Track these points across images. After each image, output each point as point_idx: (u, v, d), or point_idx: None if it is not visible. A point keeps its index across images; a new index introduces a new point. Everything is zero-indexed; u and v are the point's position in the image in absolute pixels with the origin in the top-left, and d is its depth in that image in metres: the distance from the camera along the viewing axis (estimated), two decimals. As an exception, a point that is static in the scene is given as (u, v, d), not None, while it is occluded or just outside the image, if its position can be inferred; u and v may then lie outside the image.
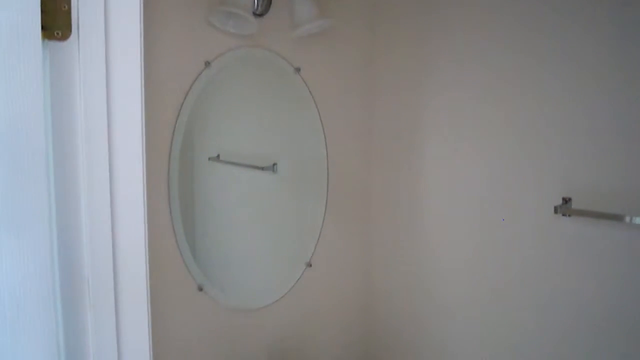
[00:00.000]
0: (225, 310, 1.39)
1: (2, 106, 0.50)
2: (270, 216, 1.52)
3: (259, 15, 1.36)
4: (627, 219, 1.04)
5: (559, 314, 1.23)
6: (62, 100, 0.57)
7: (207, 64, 1.29)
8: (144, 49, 0.63)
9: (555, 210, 1.16)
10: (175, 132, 1.26)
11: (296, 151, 1.55)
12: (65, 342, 0.58)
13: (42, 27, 0.52)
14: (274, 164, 1.47)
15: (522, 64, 1.27)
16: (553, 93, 1.21)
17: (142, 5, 0.62)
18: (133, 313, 0.64)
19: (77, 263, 0.59)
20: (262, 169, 1.45)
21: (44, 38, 0.53)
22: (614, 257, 1.12)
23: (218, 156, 1.38)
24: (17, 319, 0.52)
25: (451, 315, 1.48)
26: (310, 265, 1.58)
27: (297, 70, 1.48)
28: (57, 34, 0.55)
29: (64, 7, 0.55)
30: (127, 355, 0.63)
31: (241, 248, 1.46)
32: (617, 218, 1.06)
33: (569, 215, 1.17)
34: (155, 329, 0.68)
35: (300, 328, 1.57)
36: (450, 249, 1.47)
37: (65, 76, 0.57)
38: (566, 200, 1.18)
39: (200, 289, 1.32)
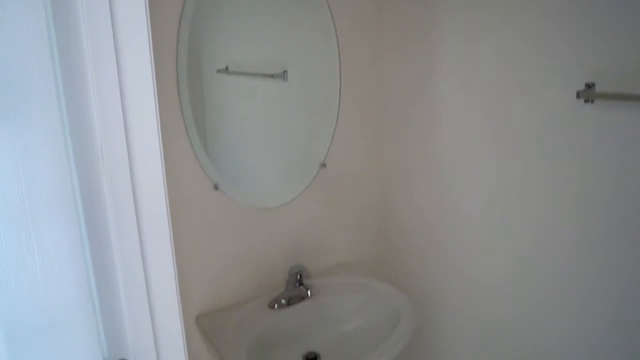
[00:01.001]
0: (241, 208, 1.41)
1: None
2: (282, 121, 1.50)
3: None
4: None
5: (578, 211, 1.22)
6: None
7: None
8: None
9: (578, 95, 1.12)
10: (179, 43, 1.22)
11: (307, 59, 1.50)
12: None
13: None
14: (285, 71, 1.43)
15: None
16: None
17: None
18: (151, 203, 0.64)
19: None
20: (273, 76, 1.42)
21: None
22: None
23: (227, 68, 1.34)
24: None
25: (464, 220, 1.49)
26: (325, 166, 1.58)
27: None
28: None
29: None
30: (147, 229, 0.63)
31: (255, 150, 1.46)
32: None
33: (592, 102, 1.12)
34: (172, 225, 0.68)
35: (315, 227, 1.61)
36: (465, 148, 1.45)
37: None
38: (589, 86, 1.13)
39: (216, 187, 1.33)
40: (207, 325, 1.34)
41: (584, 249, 1.22)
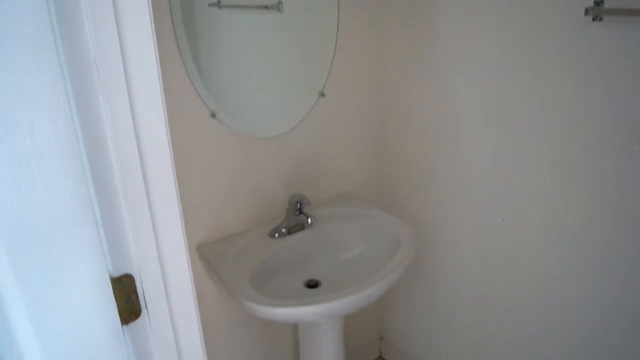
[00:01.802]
0: (239, 137, 1.39)
1: None
2: (279, 51, 1.45)
3: None
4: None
5: (584, 140, 1.20)
6: None
7: None
8: None
9: (586, 12, 1.08)
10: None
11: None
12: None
13: None
14: (279, 2, 1.37)
15: None
16: None
17: None
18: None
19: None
20: (267, 7, 1.36)
21: None
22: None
23: (219, 1, 1.28)
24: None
25: (464, 150, 1.48)
26: (323, 95, 1.54)
27: None
28: None
29: None
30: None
31: (252, 79, 1.42)
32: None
33: (601, 19, 1.08)
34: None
35: (315, 157, 1.59)
36: (467, 76, 1.41)
37: None
38: (598, 3, 1.08)
39: (214, 115, 1.31)
40: (208, 254, 1.35)
41: (590, 174, 1.21)
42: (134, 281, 0.66)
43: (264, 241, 1.41)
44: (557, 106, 1.23)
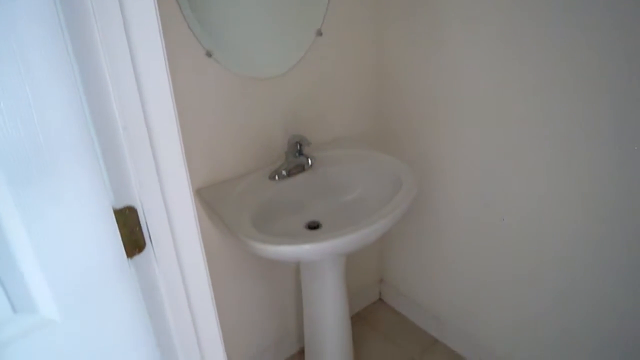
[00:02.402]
0: (237, 77, 1.35)
1: None
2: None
3: None
4: None
5: (588, 68, 1.18)
6: None
7: None
8: None
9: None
10: None
11: None
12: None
13: None
14: None
15: None
16: None
17: None
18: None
19: None
20: None
21: None
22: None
23: None
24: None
25: (464, 91, 1.44)
26: (321, 34, 1.49)
27: None
28: None
29: None
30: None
31: (248, 17, 1.35)
32: None
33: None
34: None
35: (314, 98, 1.56)
36: (469, 12, 1.36)
37: None
38: None
39: (209, 54, 1.26)
40: (208, 197, 1.35)
41: (591, 114, 1.19)
42: (136, 213, 0.65)
43: (264, 183, 1.40)
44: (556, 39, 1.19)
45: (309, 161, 1.41)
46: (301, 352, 1.86)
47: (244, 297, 1.65)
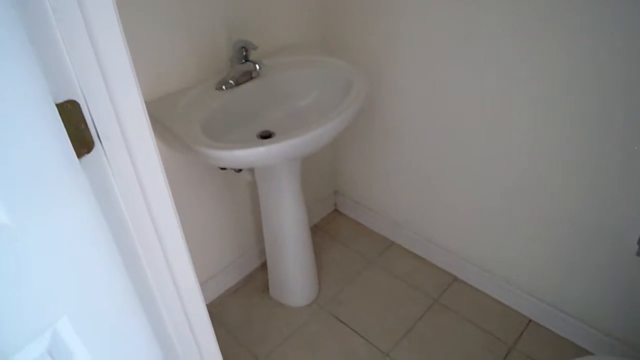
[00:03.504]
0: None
1: None
2: None
3: None
4: None
5: None
6: None
7: None
8: None
9: None
10: None
11: None
12: None
13: None
14: None
15: None
16: None
17: None
18: None
19: None
20: None
21: None
22: None
23: None
24: None
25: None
26: None
27: None
28: None
29: None
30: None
31: None
32: None
33: None
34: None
35: (258, 2, 1.46)
36: None
37: None
38: None
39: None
40: (153, 111, 1.27)
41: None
42: (79, 108, 0.60)
43: (212, 94, 1.34)
44: None
45: (257, 67, 1.35)
46: (263, 265, 1.89)
47: (203, 217, 1.63)
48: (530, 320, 1.65)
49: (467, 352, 1.57)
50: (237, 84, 1.36)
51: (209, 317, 0.93)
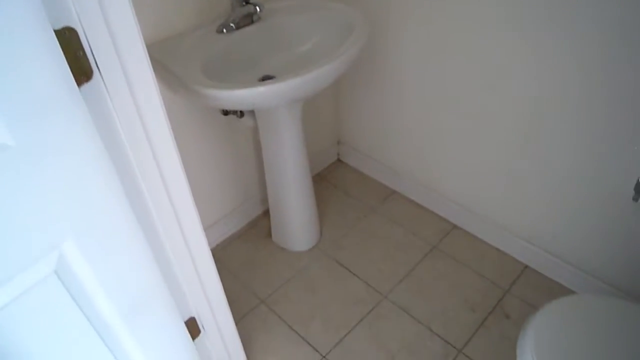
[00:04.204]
0: None
1: None
2: None
3: None
4: None
5: None
6: None
7: None
8: None
9: None
10: None
11: None
12: None
13: None
14: None
15: None
16: None
17: None
18: None
19: None
20: None
21: None
22: None
23: None
24: None
25: None
26: None
27: None
28: None
29: None
30: None
31: None
32: None
33: None
34: None
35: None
36: None
37: None
38: None
39: None
40: (154, 53, 1.28)
41: None
42: (77, 35, 0.61)
43: (213, 37, 1.33)
44: None
45: (257, 9, 1.34)
46: (266, 212, 1.93)
47: (207, 164, 1.65)
48: (526, 267, 1.69)
49: (463, 295, 1.62)
50: (238, 27, 1.35)
51: (208, 247, 0.97)
